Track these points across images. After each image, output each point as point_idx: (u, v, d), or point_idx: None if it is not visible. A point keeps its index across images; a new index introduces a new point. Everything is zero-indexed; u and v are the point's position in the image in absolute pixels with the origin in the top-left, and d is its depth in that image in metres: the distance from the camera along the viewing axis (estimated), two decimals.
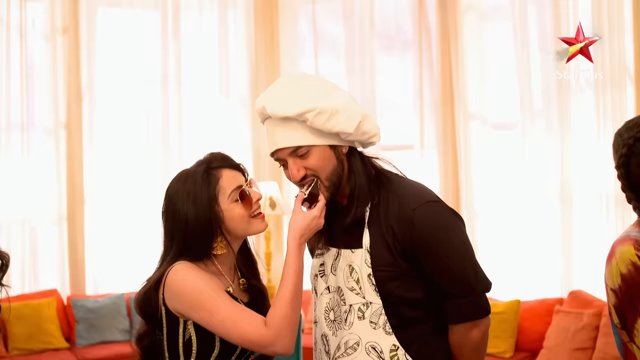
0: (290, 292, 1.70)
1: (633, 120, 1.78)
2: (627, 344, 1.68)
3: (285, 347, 1.69)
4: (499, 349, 4.67)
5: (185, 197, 1.77)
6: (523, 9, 5.38)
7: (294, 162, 1.78)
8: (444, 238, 1.78)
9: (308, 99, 1.75)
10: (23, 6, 5.64)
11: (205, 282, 1.71)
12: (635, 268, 1.61)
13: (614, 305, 1.67)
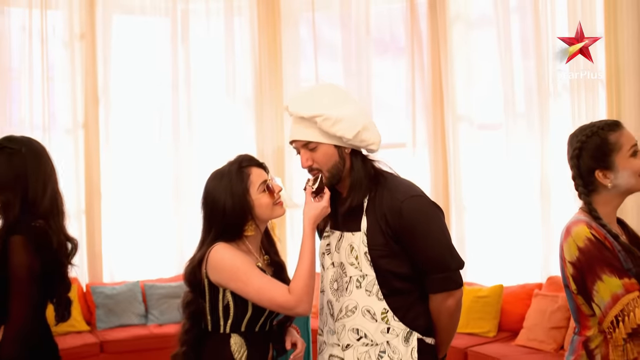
0: (307, 266, 2.10)
1: (585, 125, 2.19)
2: (580, 306, 2.09)
3: (305, 309, 2.09)
4: (483, 329, 4.97)
5: (222, 191, 2.16)
6: (506, 18, 5.58)
7: (305, 152, 2.19)
8: (425, 225, 2.15)
9: (320, 106, 2.15)
10: (44, 15, 5.86)
11: (240, 258, 2.11)
12: (591, 242, 2.02)
13: (572, 275, 2.07)
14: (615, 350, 1.96)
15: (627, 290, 1.94)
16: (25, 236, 2.29)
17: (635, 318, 1.90)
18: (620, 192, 2.12)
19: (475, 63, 5.98)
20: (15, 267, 2.27)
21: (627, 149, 2.09)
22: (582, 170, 2.13)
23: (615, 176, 2.08)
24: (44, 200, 2.40)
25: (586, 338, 2.06)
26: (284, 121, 6.33)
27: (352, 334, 2.16)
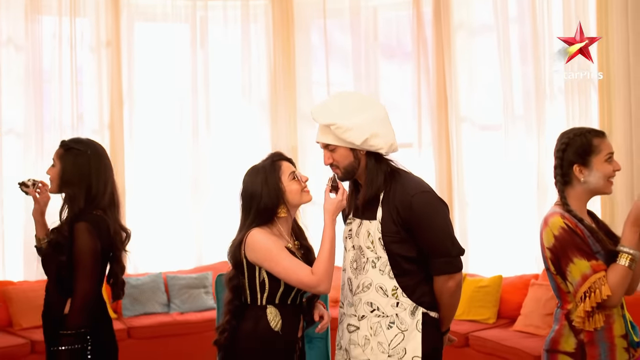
0: (327, 252, 2.45)
1: (576, 127, 2.56)
2: (560, 284, 2.45)
3: (326, 288, 2.45)
4: (483, 317, 5.23)
5: (259, 181, 2.53)
6: (506, 26, 5.76)
7: (326, 152, 2.57)
8: (431, 217, 2.50)
9: (334, 115, 2.50)
10: (72, 22, 6.04)
11: (272, 242, 2.47)
12: (564, 231, 2.37)
13: (550, 258, 2.43)
14: (583, 320, 2.31)
15: (595, 270, 2.29)
16: (88, 222, 2.68)
17: (601, 294, 2.25)
18: (589, 189, 2.46)
19: (477, 68, 6.14)
20: (80, 248, 2.64)
21: (604, 154, 2.44)
22: (564, 162, 2.48)
23: (589, 174, 2.43)
24: (104, 195, 2.79)
25: (567, 311, 2.41)
26: (297, 122, 6.55)
27: (366, 307, 2.52)
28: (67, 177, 2.78)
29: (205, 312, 5.84)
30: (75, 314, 2.64)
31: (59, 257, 2.72)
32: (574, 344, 2.37)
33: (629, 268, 2.30)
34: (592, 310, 2.27)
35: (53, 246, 2.76)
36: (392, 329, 2.48)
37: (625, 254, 2.31)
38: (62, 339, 2.62)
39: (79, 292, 2.65)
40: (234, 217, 6.38)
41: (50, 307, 2.84)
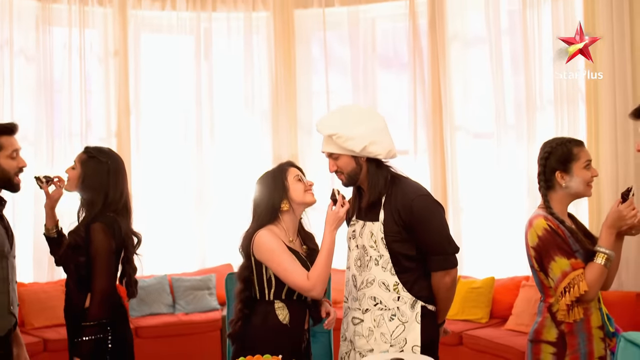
0: (324, 260, 2.68)
1: (557, 137, 2.80)
2: (543, 280, 2.68)
3: (318, 293, 2.68)
4: (476, 316, 5.44)
5: (267, 181, 2.80)
6: (498, 39, 5.92)
7: (330, 160, 2.82)
8: (429, 218, 2.75)
9: (335, 126, 2.74)
10: (82, 33, 6.20)
11: (276, 244, 2.69)
12: (547, 232, 2.61)
13: (534, 257, 2.67)
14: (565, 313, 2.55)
15: (574, 268, 2.53)
16: (103, 223, 2.91)
17: (579, 289, 2.49)
18: (570, 193, 2.71)
19: (471, 78, 6.28)
20: (97, 246, 2.89)
21: (583, 162, 2.68)
22: (547, 169, 2.73)
23: (570, 179, 2.67)
24: (119, 203, 3.03)
25: (549, 304, 2.66)
26: (298, 131, 6.71)
27: (370, 301, 2.76)
28: (87, 183, 3.01)
29: (209, 312, 6.04)
30: (96, 307, 2.88)
31: (77, 257, 2.96)
32: (556, 334, 2.60)
33: (604, 266, 2.54)
34: (571, 304, 2.51)
35: (72, 248, 2.99)
36: (393, 321, 2.72)
37: (602, 253, 2.55)
38: (85, 330, 2.85)
39: (98, 287, 2.89)
40: (236, 222, 6.63)
41: (71, 302, 3.06)
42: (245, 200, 6.29)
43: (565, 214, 2.75)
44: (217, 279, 6.32)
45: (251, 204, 2.86)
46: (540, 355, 2.63)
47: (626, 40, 5.07)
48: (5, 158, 3.02)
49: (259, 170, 6.59)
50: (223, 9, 6.69)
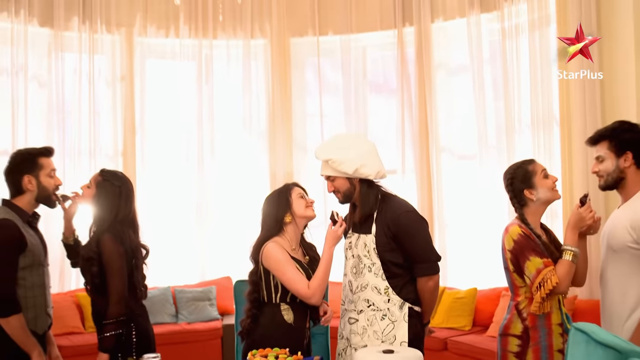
0: (323, 273, 3.07)
1: (512, 164, 3.22)
2: (515, 281, 3.07)
3: (317, 300, 3.07)
4: (460, 324, 5.79)
5: (273, 198, 3.20)
6: (480, 67, 6.28)
7: (328, 182, 3.23)
8: (415, 231, 3.15)
9: (330, 152, 3.15)
10: (91, 59, 6.58)
11: (282, 255, 3.08)
12: (521, 236, 3.00)
13: (510, 258, 3.05)
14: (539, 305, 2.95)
15: (546, 265, 2.94)
16: (111, 234, 3.26)
17: (551, 282, 2.90)
18: (542, 202, 3.13)
19: (454, 104, 6.62)
20: (109, 253, 3.21)
21: (540, 173, 3.11)
22: (515, 192, 3.15)
23: (537, 192, 3.09)
24: (127, 220, 3.38)
25: (517, 302, 3.07)
26: (293, 150, 7.06)
27: (364, 303, 3.16)
28: (99, 202, 3.35)
29: (210, 322, 6.39)
30: (113, 306, 3.22)
31: (91, 268, 3.29)
32: (521, 329, 3.01)
33: (572, 262, 2.96)
34: (545, 297, 2.92)
35: (85, 260, 3.32)
36: (384, 320, 3.12)
37: (569, 251, 2.96)
38: (106, 327, 3.21)
39: (113, 288, 3.22)
40: (234, 237, 6.94)
41: (95, 306, 3.42)
42: (243, 216, 6.73)
43: (539, 224, 3.17)
44: (217, 290, 6.66)
45: (260, 217, 3.26)
46: (507, 347, 3.04)
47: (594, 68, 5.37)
48: (45, 177, 3.38)
49: (257, 187, 7.02)
50: (223, 36, 7.04)
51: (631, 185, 3.01)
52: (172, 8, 6.85)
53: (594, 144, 3.12)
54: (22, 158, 3.39)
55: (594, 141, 3.12)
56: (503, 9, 6.14)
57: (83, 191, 3.44)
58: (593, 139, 3.13)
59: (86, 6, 6.63)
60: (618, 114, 5.27)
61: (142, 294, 3.48)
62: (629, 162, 2.98)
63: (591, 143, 3.14)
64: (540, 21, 5.89)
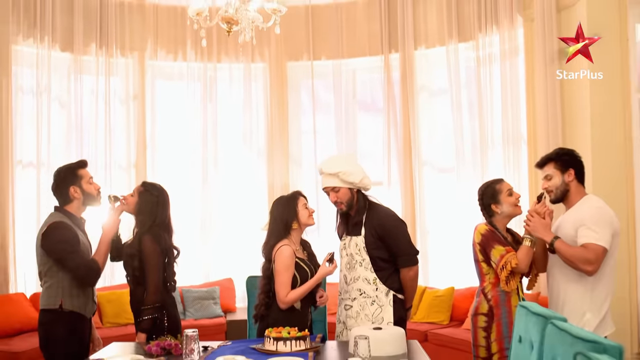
0: (302, 292, 3.66)
1: (485, 182, 3.94)
2: (482, 269, 3.75)
3: (284, 307, 3.64)
4: (439, 319, 6.45)
5: (283, 204, 3.83)
6: (458, 90, 6.91)
7: (332, 193, 3.89)
8: (397, 231, 3.84)
9: (339, 166, 3.82)
10: (107, 81, 7.18)
11: (290, 261, 3.68)
12: (488, 231, 3.70)
13: (479, 249, 3.75)
14: (504, 282, 3.65)
15: (508, 251, 3.65)
16: (151, 235, 3.92)
17: (512, 263, 3.59)
18: (505, 216, 3.84)
19: (435, 122, 7.20)
20: (148, 252, 3.84)
21: (505, 192, 3.83)
22: (485, 206, 3.87)
23: (502, 207, 3.81)
24: (163, 224, 4.05)
25: (483, 287, 3.79)
26: (289, 164, 7.62)
27: (357, 292, 3.87)
28: (141, 209, 4.01)
29: (214, 318, 7.02)
30: (151, 295, 3.86)
31: (133, 263, 3.94)
32: (487, 308, 3.73)
33: (530, 247, 3.65)
34: (508, 277, 3.62)
35: (128, 256, 3.97)
36: (373, 305, 3.83)
37: (527, 238, 3.67)
38: (144, 311, 3.84)
39: (151, 280, 3.86)
40: (236, 243, 7.48)
41: (133, 295, 4.07)
42: (244, 224, 7.34)
43: (505, 229, 3.87)
44: (220, 290, 7.31)
45: (268, 217, 3.90)
46: (477, 324, 3.75)
47: (557, 92, 6.11)
48: (86, 184, 4.03)
49: (257, 197, 7.59)
50: (226, 60, 7.63)
51: (574, 196, 3.73)
52: (180, 34, 7.47)
53: (542, 167, 3.83)
54: (65, 173, 4.01)
55: (542, 164, 3.83)
56: (478, 39, 6.83)
57: (127, 200, 4.11)
58: (541, 163, 3.84)
59: (102, 33, 7.24)
60: (576, 134, 6.03)
61: (172, 287, 4.12)
62: (572, 177, 3.70)
63: (540, 166, 3.85)
64: (510, 51, 6.59)
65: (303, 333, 3.48)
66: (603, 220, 3.49)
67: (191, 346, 3.34)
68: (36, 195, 6.89)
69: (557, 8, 6.15)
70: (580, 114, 5.99)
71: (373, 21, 7.53)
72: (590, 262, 3.42)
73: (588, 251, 3.43)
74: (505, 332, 3.65)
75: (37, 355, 5.72)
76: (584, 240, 3.46)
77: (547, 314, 2.65)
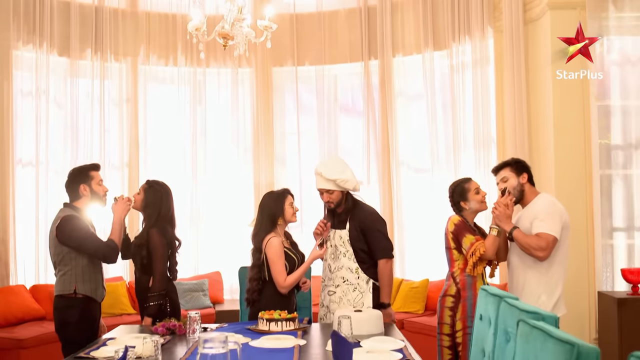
0: (298, 275, 4.12)
1: (455, 180, 4.43)
2: (452, 256, 4.22)
3: (285, 291, 4.10)
4: (414, 309, 6.91)
5: (272, 199, 4.24)
6: (433, 95, 7.33)
7: (326, 194, 4.31)
8: (376, 227, 4.31)
9: (337, 173, 4.24)
10: (102, 84, 7.52)
11: (280, 251, 4.12)
12: (460, 221, 4.14)
13: (452, 238, 4.21)
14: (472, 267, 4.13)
15: (477, 240, 4.12)
16: (158, 228, 4.36)
17: (479, 250, 4.06)
18: (472, 211, 4.32)
19: (411, 125, 7.57)
20: (155, 243, 4.26)
21: (473, 190, 4.31)
22: (454, 202, 4.34)
23: (469, 203, 4.28)
24: (167, 217, 4.49)
25: (452, 271, 4.26)
26: (274, 163, 7.97)
27: (340, 279, 4.33)
28: (148, 203, 4.45)
29: (204, 309, 7.40)
30: (157, 283, 4.28)
31: (141, 252, 4.38)
32: (455, 290, 4.21)
33: (496, 236, 4.11)
34: (476, 263, 4.10)
35: (137, 246, 4.41)
36: (355, 292, 4.30)
37: (494, 228, 4.13)
38: (150, 298, 4.27)
39: (157, 270, 4.28)
40: (223, 238, 7.82)
41: (139, 283, 4.48)
42: (231, 220, 7.71)
43: (473, 223, 4.35)
44: (209, 283, 7.72)
45: (258, 209, 4.31)
46: (445, 304, 4.22)
47: (523, 99, 6.63)
48: (95, 185, 4.44)
49: (243, 195, 7.94)
50: (214, 65, 7.97)
51: (528, 195, 4.23)
52: (172, 41, 7.84)
53: (498, 171, 4.32)
54: (78, 172, 4.45)
55: (498, 169, 4.32)
56: (452, 48, 7.29)
57: (134, 197, 4.53)
58: (498, 167, 4.33)
59: (97, 39, 7.58)
60: (540, 136, 6.54)
61: (174, 276, 4.54)
62: (525, 180, 4.20)
63: (496, 171, 4.33)
64: (481, 60, 7.07)
65: (292, 315, 3.93)
66: (553, 214, 4.00)
67: (193, 326, 3.80)
68: (35, 193, 7.22)
69: (524, 21, 6.66)
70: (544, 119, 6.48)
71: (354, 30, 7.92)
72: (542, 248, 3.92)
73: (540, 239, 3.93)
74: (469, 312, 4.12)
75: (39, 342, 6.14)
76: (537, 230, 3.97)
77: (501, 294, 3.14)
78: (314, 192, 4.58)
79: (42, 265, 7.27)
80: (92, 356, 3.31)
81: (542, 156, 6.56)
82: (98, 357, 3.29)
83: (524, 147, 6.65)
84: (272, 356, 3.19)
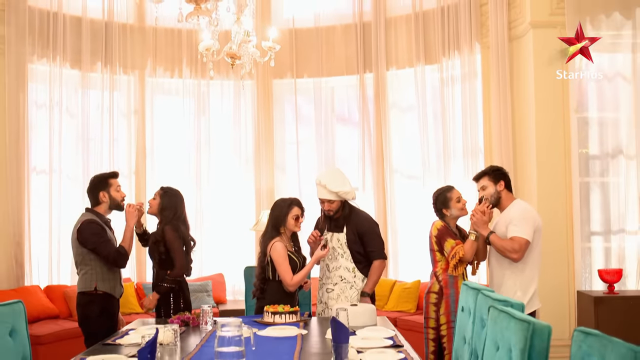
0: (303, 274, 4.55)
1: (438, 188, 4.85)
2: (435, 257, 4.65)
3: (293, 289, 4.52)
4: (407, 308, 7.30)
5: (280, 207, 4.66)
6: (424, 106, 7.68)
7: (327, 204, 4.73)
8: (371, 231, 4.75)
9: (340, 186, 4.66)
10: (111, 95, 7.85)
11: (284, 254, 4.54)
12: (442, 226, 4.57)
13: (435, 241, 4.64)
14: (453, 268, 4.55)
15: (457, 244, 4.55)
16: (172, 225, 4.79)
17: (459, 253, 4.48)
18: (453, 217, 4.74)
19: (404, 134, 7.89)
20: (171, 240, 4.69)
21: (454, 198, 4.73)
22: (437, 209, 4.77)
23: (451, 211, 4.72)
24: (181, 219, 4.92)
25: (435, 271, 4.69)
26: (274, 171, 8.30)
27: (338, 278, 4.76)
28: (164, 206, 4.86)
29: None
30: (176, 270, 4.71)
31: (158, 248, 4.80)
32: (438, 288, 4.64)
33: (474, 240, 4.55)
34: (456, 264, 4.52)
35: (154, 243, 4.83)
36: (352, 289, 4.73)
37: (472, 233, 4.56)
38: (166, 280, 4.67)
39: (177, 260, 4.70)
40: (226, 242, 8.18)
41: (157, 277, 4.88)
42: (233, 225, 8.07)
43: (455, 226, 4.78)
44: (212, 284, 8.10)
45: (269, 215, 4.71)
46: (429, 300, 4.65)
47: (508, 111, 7.05)
48: (114, 191, 4.85)
49: (245, 201, 8.27)
50: (218, 77, 8.31)
51: (505, 201, 4.66)
52: (177, 54, 8.20)
53: (478, 180, 4.75)
54: (98, 179, 4.86)
55: (478, 177, 4.75)
56: (442, 62, 7.68)
57: (150, 202, 4.95)
58: (477, 176, 4.75)
59: (107, 53, 7.93)
60: (524, 146, 6.98)
61: (188, 273, 4.93)
62: (502, 187, 4.64)
63: (476, 179, 4.76)
64: (470, 74, 7.48)
65: (294, 309, 4.36)
66: (527, 219, 4.43)
67: (206, 318, 4.22)
68: (48, 198, 7.58)
69: (509, 38, 7.10)
70: (528, 130, 6.90)
71: (350, 44, 8.24)
72: (515, 251, 4.35)
73: (514, 242, 4.36)
74: (452, 307, 4.55)
75: (55, 338, 6.54)
76: (511, 234, 4.40)
77: (479, 288, 3.57)
78: (311, 199, 4.97)
79: (55, 267, 7.63)
80: (118, 343, 3.72)
81: (526, 165, 6.95)
82: (124, 343, 3.70)
83: (509, 156, 7.05)
84: (278, 343, 3.61)
